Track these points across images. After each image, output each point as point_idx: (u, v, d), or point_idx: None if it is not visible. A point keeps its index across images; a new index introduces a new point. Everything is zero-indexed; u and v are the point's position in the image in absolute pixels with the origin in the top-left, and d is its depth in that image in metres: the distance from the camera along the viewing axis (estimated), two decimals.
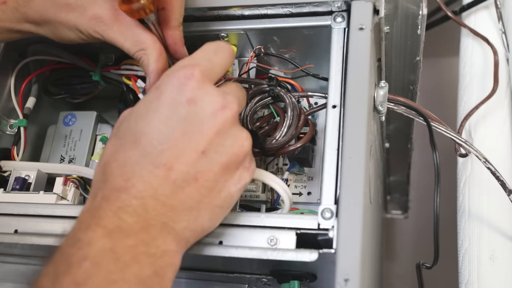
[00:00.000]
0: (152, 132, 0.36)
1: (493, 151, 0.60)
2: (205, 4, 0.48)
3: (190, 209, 0.36)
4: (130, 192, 0.34)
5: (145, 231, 0.34)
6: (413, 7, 0.50)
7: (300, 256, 0.38)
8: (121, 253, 0.33)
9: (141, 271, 0.33)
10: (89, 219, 0.34)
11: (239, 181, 0.38)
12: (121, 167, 0.35)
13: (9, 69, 0.54)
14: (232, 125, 0.37)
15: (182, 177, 0.35)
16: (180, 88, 0.36)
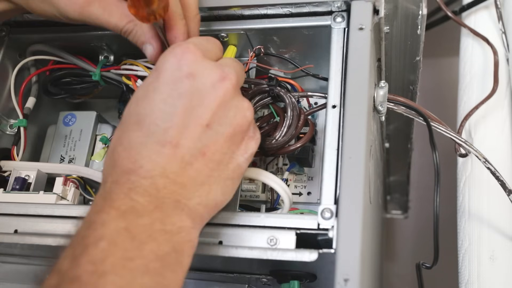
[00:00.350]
0: (154, 111, 0.36)
1: (493, 151, 0.60)
2: (205, 4, 0.48)
3: (201, 184, 0.36)
4: (139, 173, 0.34)
5: (159, 209, 0.34)
6: (413, 7, 0.50)
7: (300, 256, 0.38)
8: (137, 232, 0.33)
9: (158, 248, 0.33)
10: (101, 203, 0.34)
11: (246, 151, 0.38)
12: (127, 150, 0.35)
13: (9, 69, 0.54)
14: (233, 96, 0.37)
15: (189, 152, 0.35)
16: (178, 64, 0.36)
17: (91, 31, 0.52)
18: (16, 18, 0.53)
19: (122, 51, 0.54)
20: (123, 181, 0.34)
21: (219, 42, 0.42)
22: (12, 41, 0.54)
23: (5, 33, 0.53)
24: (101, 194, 0.35)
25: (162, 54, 0.38)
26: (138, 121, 0.36)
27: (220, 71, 0.37)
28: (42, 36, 0.53)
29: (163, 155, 0.35)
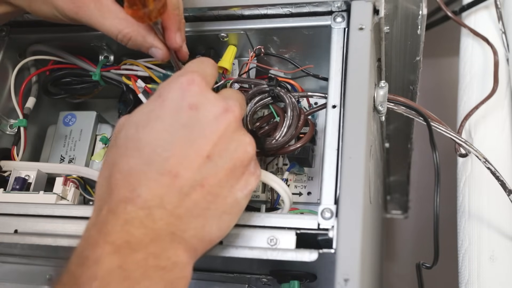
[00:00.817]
0: (156, 139, 0.35)
1: (493, 151, 0.60)
2: (205, 4, 0.48)
3: (197, 216, 0.35)
4: (136, 202, 0.34)
5: (154, 243, 0.34)
6: (413, 7, 0.50)
7: (300, 256, 0.38)
8: (131, 269, 0.32)
9: (151, 285, 0.33)
10: (96, 235, 0.34)
11: (246, 187, 0.37)
12: (125, 178, 0.35)
13: (9, 69, 0.54)
14: (236, 129, 0.37)
15: (188, 183, 0.35)
16: (182, 94, 0.36)
17: (91, 31, 0.51)
18: (16, 18, 0.53)
19: (122, 51, 0.54)
20: (119, 211, 0.34)
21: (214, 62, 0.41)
22: (12, 41, 0.54)
23: (5, 33, 0.53)
24: (96, 224, 0.35)
25: (167, 82, 0.38)
26: (138, 148, 0.35)
27: (223, 103, 0.37)
28: (42, 36, 0.53)
29: (162, 184, 0.34)
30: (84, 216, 0.44)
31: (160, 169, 0.35)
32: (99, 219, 0.34)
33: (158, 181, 0.34)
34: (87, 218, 0.44)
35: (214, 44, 0.51)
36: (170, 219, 0.34)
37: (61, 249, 0.44)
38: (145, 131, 0.36)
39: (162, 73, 0.52)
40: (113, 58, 0.54)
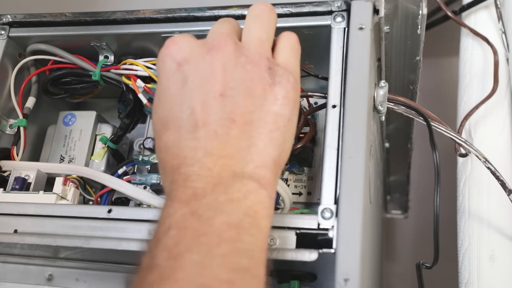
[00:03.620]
0: (171, 108, 0.36)
1: (493, 151, 0.60)
2: (205, 4, 0.48)
3: (246, 148, 0.35)
4: (186, 163, 0.35)
5: (219, 185, 0.34)
6: (413, 7, 0.50)
7: (300, 256, 0.38)
8: (203, 211, 0.33)
9: (229, 217, 0.33)
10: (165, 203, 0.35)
11: (276, 98, 0.37)
12: (167, 152, 0.36)
13: (9, 69, 0.54)
14: (230, 58, 0.37)
15: (219, 124, 0.35)
16: (169, 57, 0.37)
17: (91, 31, 0.52)
18: (16, 18, 0.53)
19: (122, 51, 0.54)
20: (176, 178, 0.35)
21: None
22: (12, 41, 0.54)
23: (5, 33, 0.53)
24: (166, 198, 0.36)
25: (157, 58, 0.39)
26: (164, 124, 0.37)
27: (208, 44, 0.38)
28: (42, 36, 0.53)
29: (198, 138, 0.35)
30: (83, 216, 0.44)
31: (189, 128, 0.35)
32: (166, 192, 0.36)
33: (193, 137, 0.35)
34: (87, 218, 0.44)
35: None
36: (224, 161, 0.35)
37: (61, 249, 0.45)
38: (161, 107, 0.37)
39: None
40: (113, 58, 0.54)
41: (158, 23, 0.50)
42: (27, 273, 0.51)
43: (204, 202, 0.33)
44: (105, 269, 0.49)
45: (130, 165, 0.54)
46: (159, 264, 0.31)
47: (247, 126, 0.36)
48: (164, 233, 0.32)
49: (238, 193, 0.34)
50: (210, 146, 0.35)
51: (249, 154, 0.35)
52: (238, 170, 0.35)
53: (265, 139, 0.36)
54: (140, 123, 0.58)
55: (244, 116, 0.36)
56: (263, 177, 0.35)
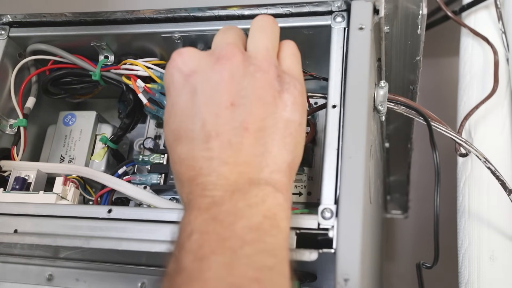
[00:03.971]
0: (183, 121, 0.36)
1: (493, 150, 0.60)
2: (204, 4, 0.48)
3: (261, 155, 0.36)
4: (202, 173, 0.35)
5: (237, 192, 0.34)
6: (413, 7, 0.50)
7: (300, 256, 0.38)
8: (223, 217, 0.33)
9: (249, 221, 0.33)
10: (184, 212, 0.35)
11: (285, 105, 0.37)
12: (182, 165, 0.36)
13: (9, 69, 0.54)
14: (239, 66, 0.37)
15: (232, 134, 0.36)
16: (177, 70, 0.38)
17: (91, 31, 0.52)
18: (16, 18, 0.53)
19: (122, 51, 0.54)
20: (194, 188, 0.35)
21: None
22: (12, 41, 0.54)
23: (5, 33, 0.53)
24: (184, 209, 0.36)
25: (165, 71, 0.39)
26: (177, 137, 0.37)
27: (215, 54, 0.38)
28: (42, 36, 0.53)
29: (212, 148, 0.35)
30: (83, 216, 0.44)
31: (202, 139, 0.36)
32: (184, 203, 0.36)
33: (207, 148, 0.35)
34: (87, 218, 0.44)
35: None
36: (239, 168, 0.35)
37: (61, 249, 0.45)
38: (171, 120, 0.37)
39: (162, 73, 0.52)
40: (113, 58, 0.54)
41: (158, 23, 0.50)
42: (27, 273, 0.51)
43: (224, 209, 0.33)
44: (105, 269, 0.49)
45: (130, 165, 0.54)
46: (186, 267, 0.31)
47: (260, 133, 0.36)
48: (187, 238, 0.33)
49: (255, 198, 0.34)
50: (225, 156, 0.35)
51: (264, 160, 0.36)
52: (254, 177, 0.35)
53: (279, 144, 0.37)
54: (140, 123, 0.58)
55: (257, 124, 0.36)
56: (279, 181, 0.36)
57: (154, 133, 0.57)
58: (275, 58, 0.40)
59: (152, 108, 0.52)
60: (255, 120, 0.36)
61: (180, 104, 0.37)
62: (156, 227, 0.42)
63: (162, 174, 0.51)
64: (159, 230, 0.42)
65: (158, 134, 0.57)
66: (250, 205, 0.34)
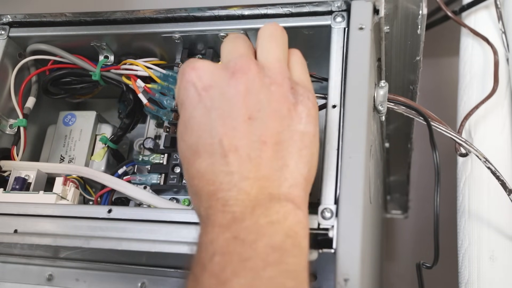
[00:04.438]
0: (200, 136, 0.36)
1: (493, 150, 0.60)
2: (204, 4, 0.48)
3: (279, 169, 0.36)
4: (223, 188, 0.35)
5: (258, 207, 0.34)
6: (413, 7, 0.50)
7: None
8: (245, 235, 0.33)
9: (271, 239, 0.33)
10: (204, 227, 0.35)
11: (300, 118, 0.37)
12: (201, 179, 0.36)
13: (9, 69, 0.54)
14: (254, 80, 0.37)
15: (251, 148, 0.36)
16: (192, 84, 0.37)
17: (91, 31, 0.52)
18: (16, 18, 0.53)
19: (122, 51, 0.54)
20: (213, 203, 0.35)
21: None
22: (12, 41, 0.54)
23: (5, 33, 0.53)
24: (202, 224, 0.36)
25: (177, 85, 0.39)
26: (194, 152, 0.37)
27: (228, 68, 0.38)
28: (42, 36, 0.53)
29: (231, 163, 0.35)
30: (83, 216, 0.44)
31: (221, 153, 0.35)
32: (202, 220, 0.36)
33: (227, 162, 0.35)
34: (86, 218, 0.44)
35: (214, 44, 0.51)
36: (259, 183, 0.35)
37: (61, 249, 0.45)
38: (188, 135, 0.37)
39: (161, 73, 0.52)
40: (113, 58, 0.54)
41: (158, 23, 0.50)
42: (27, 273, 0.51)
43: (245, 225, 0.33)
44: (105, 269, 0.49)
45: (130, 165, 0.54)
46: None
47: (278, 147, 0.36)
48: (209, 260, 0.32)
49: (277, 214, 0.34)
50: (246, 170, 0.35)
51: (283, 174, 0.36)
52: (275, 192, 0.35)
53: (295, 157, 0.37)
54: (140, 123, 0.58)
55: (274, 137, 0.36)
56: (297, 196, 0.36)
57: (154, 133, 0.57)
58: (287, 70, 0.39)
59: (152, 108, 0.52)
60: (272, 134, 0.36)
61: (196, 119, 0.37)
62: (156, 227, 0.42)
63: (162, 174, 0.51)
64: (159, 230, 0.42)
65: (158, 134, 0.56)
66: (272, 222, 0.34)
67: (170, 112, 0.52)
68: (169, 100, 0.51)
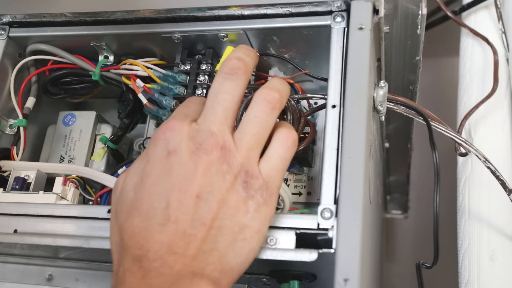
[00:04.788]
0: (150, 195, 0.36)
1: (493, 150, 0.60)
2: (204, 4, 0.48)
3: (210, 252, 0.36)
4: (148, 257, 0.35)
5: (178, 283, 0.35)
6: (413, 7, 0.50)
7: (299, 256, 0.38)
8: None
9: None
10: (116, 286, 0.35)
11: (247, 211, 0.37)
12: (132, 237, 0.36)
13: (9, 69, 0.54)
14: (213, 163, 0.37)
15: (190, 225, 0.36)
16: (161, 143, 0.37)
17: (91, 31, 0.52)
18: (16, 18, 0.53)
19: (122, 51, 0.54)
20: (135, 269, 0.35)
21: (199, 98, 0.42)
22: (12, 41, 0.54)
23: (5, 33, 0.53)
24: (113, 281, 0.36)
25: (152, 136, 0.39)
26: (137, 208, 0.37)
27: (196, 140, 0.37)
28: (42, 36, 0.53)
29: (167, 233, 0.35)
30: (83, 216, 0.44)
31: (160, 220, 0.36)
32: (118, 280, 0.36)
33: (162, 231, 0.35)
34: (86, 218, 0.44)
35: (214, 44, 0.51)
36: (185, 260, 0.35)
37: (61, 249, 0.45)
38: (140, 190, 0.37)
39: (161, 73, 0.52)
40: (113, 58, 0.54)
41: (158, 23, 0.50)
42: (27, 273, 0.51)
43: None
44: (105, 269, 0.49)
45: (130, 165, 0.54)
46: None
47: (215, 231, 0.36)
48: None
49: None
50: (176, 244, 0.35)
51: (211, 257, 0.36)
52: (198, 271, 0.35)
53: (229, 246, 0.36)
54: (140, 123, 0.58)
55: (214, 222, 0.36)
56: (218, 281, 0.36)
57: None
58: (253, 160, 0.38)
59: (152, 108, 0.52)
60: (214, 218, 0.36)
61: (152, 178, 0.37)
62: None
63: None
64: None
65: None
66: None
67: (170, 112, 0.52)
68: (168, 100, 0.51)
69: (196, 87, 0.51)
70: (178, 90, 0.51)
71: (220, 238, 0.36)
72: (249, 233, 0.37)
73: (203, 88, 0.51)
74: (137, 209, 0.37)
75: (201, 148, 0.37)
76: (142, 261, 0.35)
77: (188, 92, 0.51)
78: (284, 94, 0.40)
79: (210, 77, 0.52)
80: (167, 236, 0.35)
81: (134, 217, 0.36)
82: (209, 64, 0.52)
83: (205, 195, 0.36)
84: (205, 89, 0.51)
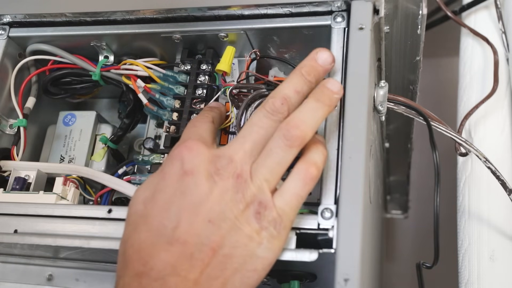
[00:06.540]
0: (161, 212, 0.36)
1: (493, 150, 0.60)
2: (204, 4, 0.48)
3: (215, 278, 0.35)
4: (150, 275, 0.35)
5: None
6: (413, 7, 0.50)
7: (300, 256, 0.38)
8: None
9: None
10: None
11: (260, 242, 0.36)
12: (137, 252, 0.36)
13: (9, 69, 0.54)
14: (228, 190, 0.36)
15: (197, 248, 0.35)
16: (178, 162, 0.37)
17: (91, 31, 0.52)
18: (16, 18, 0.53)
19: (122, 51, 0.54)
20: (134, 285, 0.35)
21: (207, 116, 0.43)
22: (12, 41, 0.54)
23: (5, 33, 0.53)
24: None
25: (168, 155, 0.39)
26: (146, 223, 0.36)
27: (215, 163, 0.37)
28: (42, 36, 0.53)
29: (172, 253, 0.35)
30: (83, 216, 0.44)
31: (168, 239, 0.35)
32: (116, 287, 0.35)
33: (168, 251, 0.35)
34: (86, 218, 0.44)
35: (214, 44, 0.51)
36: (186, 284, 0.35)
37: (61, 249, 0.45)
38: (151, 205, 0.37)
39: (161, 73, 0.52)
40: (113, 58, 0.54)
41: (158, 23, 0.50)
42: (27, 273, 0.51)
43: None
44: (105, 269, 0.49)
45: (130, 165, 0.54)
46: None
47: (223, 259, 0.36)
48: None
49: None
50: (180, 267, 0.35)
51: (215, 284, 0.35)
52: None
53: (237, 275, 0.36)
54: (140, 123, 0.58)
55: (225, 249, 0.36)
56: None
57: (154, 133, 0.57)
58: (267, 193, 0.37)
59: (152, 108, 0.52)
60: (225, 246, 0.36)
61: (166, 195, 0.37)
62: None
63: None
64: None
65: (158, 134, 0.57)
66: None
67: (170, 112, 0.52)
68: (169, 100, 0.51)
69: (196, 87, 0.51)
70: (179, 90, 0.51)
71: (229, 266, 0.36)
72: (261, 264, 0.37)
73: (203, 88, 0.51)
74: (146, 224, 0.36)
75: (219, 173, 0.37)
76: (143, 278, 0.35)
77: (188, 92, 0.51)
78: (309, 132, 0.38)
79: (210, 77, 0.52)
80: (173, 257, 0.35)
81: (142, 232, 0.36)
82: (210, 64, 0.52)
83: (217, 221, 0.36)
84: (205, 89, 0.51)
